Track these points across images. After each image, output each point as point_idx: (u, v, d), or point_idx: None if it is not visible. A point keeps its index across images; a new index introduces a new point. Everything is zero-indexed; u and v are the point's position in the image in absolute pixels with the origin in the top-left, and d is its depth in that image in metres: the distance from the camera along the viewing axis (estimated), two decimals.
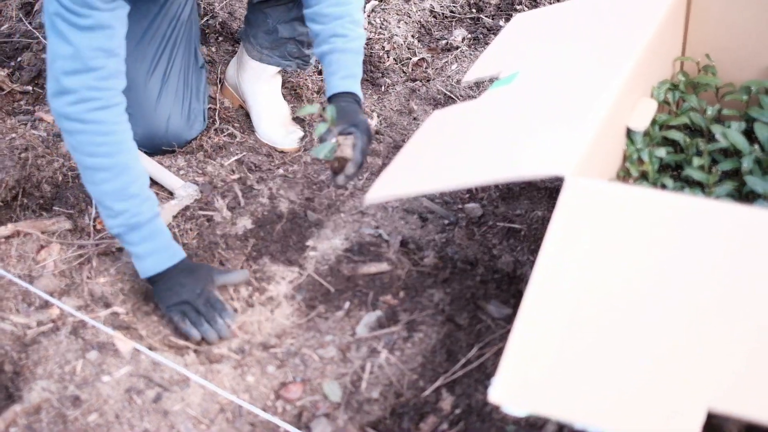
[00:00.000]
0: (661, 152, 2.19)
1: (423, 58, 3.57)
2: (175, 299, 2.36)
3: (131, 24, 2.71)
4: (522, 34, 2.57)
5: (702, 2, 2.43)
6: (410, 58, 3.56)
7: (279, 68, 3.09)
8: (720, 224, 1.56)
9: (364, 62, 3.44)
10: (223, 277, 2.43)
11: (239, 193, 2.83)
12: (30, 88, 3.27)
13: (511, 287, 2.47)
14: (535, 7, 3.83)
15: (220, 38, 3.59)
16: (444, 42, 3.67)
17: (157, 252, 2.39)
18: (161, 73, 2.87)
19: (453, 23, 3.81)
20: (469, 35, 3.71)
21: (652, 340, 1.43)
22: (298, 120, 3.19)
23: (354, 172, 2.36)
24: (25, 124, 3.03)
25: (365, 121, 2.45)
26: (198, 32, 3.03)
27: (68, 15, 2.21)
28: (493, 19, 3.80)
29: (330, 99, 2.56)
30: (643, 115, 2.15)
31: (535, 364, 1.43)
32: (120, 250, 2.59)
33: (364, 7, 3.24)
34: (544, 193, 2.79)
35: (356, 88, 2.57)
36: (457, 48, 3.62)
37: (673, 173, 2.26)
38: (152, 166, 2.87)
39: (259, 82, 3.12)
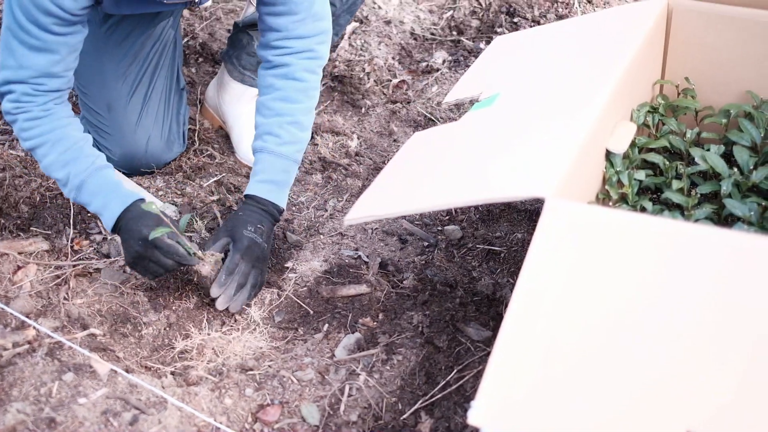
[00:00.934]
0: (641, 175, 2.19)
1: (403, 80, 3.57)
2: (131, 253, 2.37)
3: (114, 45, 2.72)
4: (502, 57, 2.57)
5: (681, 26, 2.44)
6: (390, 80, 3.56)
7: None
8: (699, 248, 1.56)
9: (345, 83, 3.45)
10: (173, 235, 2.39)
11: (218, 214, 2.82)
12: None
13: (490, 310, 2.46)
14: (515, 29, 3.84)
15: (200, 59, 3.58)
16: (425, 64, 3.67)
17: (109, 201, 2.41)
18: (142, 94, 2.86)
19: (434, 45, 3.82)
20: (450, 57, 3.72)
21: (633, 362, 1.42)
22: None
23: (220, 292, 2.40)
24: (3, 144, 3.01)
25: (253, 238, 2.45)
26: (181, 54, 3.02)
27: (19, 32, 2.25)
28: (473, 41, 3.81)
29: (246, 196, 2.56)
30: (622, 137, 2.15)
31: (514, 387, 1.43)
32: (98, 270, 2.57)
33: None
34: (524, 215, 2.79)
35: (273, 195, 2.55)
36: (437, 70, 3.63)
37: (653, 196, 2.27)
38: (131, 187, 2.85)
39: (239, 104, 3.11)
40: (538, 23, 3.86)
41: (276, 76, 2.56)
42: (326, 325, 2.45)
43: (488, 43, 3.70)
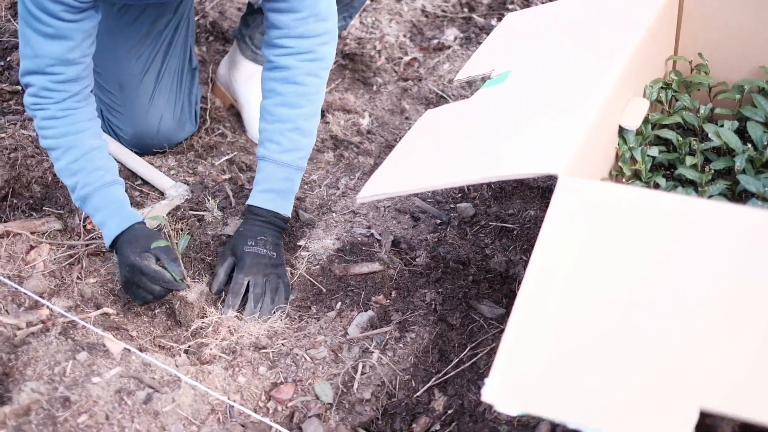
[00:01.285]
0: (654, 151, 2.18)
1: (415, 58, 3.56)
2: (121, 278, 2.39)
3: (127, 24, 2.71)
4: (514, 34, 2.56)
5: (694, 2, 2.42)
6: (402, 58, 3.55)
7: None
8: (713, 224, 1.56)
9: (356, 61, 3.44)
10: (164, 257, 2.40)
11: (230, 193, 2.82)
12: (20, 87, 3.25)
13: (503, 287, 2.46)
14: (527, 6, 3.82)
15: (211, 38, 3.58)
16: (436, 41, 3.66)
17: (108, 220, 2.41)
18: (155, 74, 2.86)
19: (445, 23, 3.80)
20: (461, 35, 3.70)
21: (646, 339, 1.42)
22: None
23: (235, 311, 2.42)
24: (15, 124, 3.01)
25: (255, 252, 2.47)
26: (194, 34, 3.01)
27: (32, 20, 2.25)
28: (485, 18, 3.80)
29: (247, 207, 2.56)
30: (635, 113, 2.14)
31: (528, 364, 1.43)
32: (109, 250, 2.58)
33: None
34: (537, 192, 2.78)
35: (275, 204, 2.54)
36: (449, 47, 3.61)
37: (666, 172, 2.25)
38: (142, 167, 2.86)
39: (251, 82, 3.10)
40: (550, 0, 3.84)
41: (277, 80, 2.53)
42: (339, 303, 2.46)
43: (500, 19, 3.68)
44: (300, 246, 2.64)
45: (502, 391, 1.40)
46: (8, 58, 3.45)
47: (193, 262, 2.57)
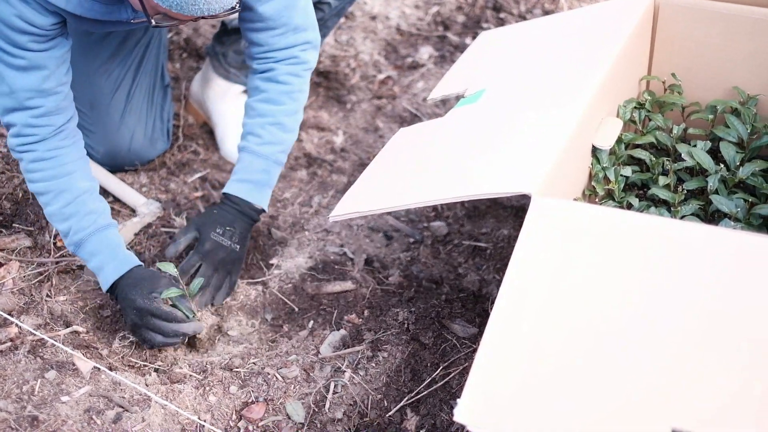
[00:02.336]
0: (627, 171, 2.18)
1: (389, 76, 3.56)
2: (128, 321, 2.33)
3: (96, 42, 2.69)
4: (488, 52, 2.56)
5: (668, 21, 2.43)
6: (376, 76, 3.55)
7: (245, 87, 3.07)
8: (686, 245, 1.56)
9: (330, 79, 3.44)
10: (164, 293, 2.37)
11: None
12: None
13: (476, 306, 2.46)
14: (501, 24, 3.83)
15: (185, 54, 3.57)
16: (410, 60, 3.66)
17: (105, 264, 2.37)
18: (125, 92, 2.84)
19: (419, 41, 3.81)
20: (436, 53, 3.71)
21: (618, 362, 1.42)
22: None
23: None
24: None
25: (219, 241, 2.48)
26: (166, 50, 3.00)
27: (3, 55, 2.21)
28: (459, 36, 3.80)
29: (223, 194, 2.56)
30: (608, 133, 2.15)
31: (500, 385, 1.42)
32: (81, 267, 2.56)
33: None
34: (510, 211, 2.78)
35: (251, 195, 2.54)
36: (423, 66, 3.62)
37: (639, 192, 2.26)
38: (114, 184, 2.84)
39: (224, 100, 3.09)
40: (524, 18, 3.85)
41: (261, 79, 2.56)
42: (311, 321, 2.44)
43: (474, 38, 3.69)
44: (272, 264, 2.63)
45: (474, 411, 1.39)
46: None
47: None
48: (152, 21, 2.09)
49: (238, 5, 2.11)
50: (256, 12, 2.40)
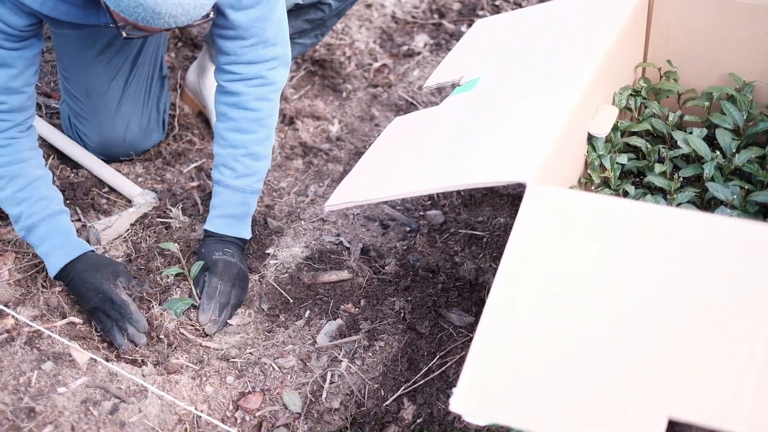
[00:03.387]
0: (623, 159, 2.18)
1: (385, 64, 3.55)
2: (87, 304, 2.36)
3: (96, 31, 2.67)
4: (483, 40, 2.56)
5: (663, 9, 2.43)
6: (372, 64, 3.54)
7: None
8: (682, 233, 1.55)
9: (326, 68, 3.43)
10: (134, 282, 2.43)
11: (198, 200, 2.80)
12: None
13: (473, 295, 2.45)
14: (497, 12, 3.82)
15: (180, 44, 3.56)
16: (406, 48, 3.66)
17: (55, 249, 2.40)
18: (122, 81, 2.83)
19: (415, 29, 3.80)
20: (431, 41, 3.70)
21: (614, 349, 1.41)
22: None
23: (208, 318, 2.40)
24: None
25: (226, 259, 2.47)
26: (165, 41, 2.99)
27: None
28: (455, 24, 3.80)
29: (205, 232, 2.57)
30: (604, 121, 2.14)
31: (496, 374, 1.42)
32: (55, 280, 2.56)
33: None
34: (507, 199, 2.78)
35: (232, 229, 2.55)
36: (418, 54, 3.61)
37: (635, 180, 2.26)
38: (110, 174, 2.83)
39: None
40: (520, 6, 3.85)
41: (228, 105, 2.52)
42: (308, 311, 2.44)
43: (470, 26, 3.68)
44: (268, 254, 2.63)
45: (470, 400, 1.39)
46: None
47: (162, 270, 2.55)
48: (123, 33, 2.08)
49: (212, 13, 2.10)
50: (228, 19, 2.36)
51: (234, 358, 2.29)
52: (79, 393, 2.12)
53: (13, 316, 2.31)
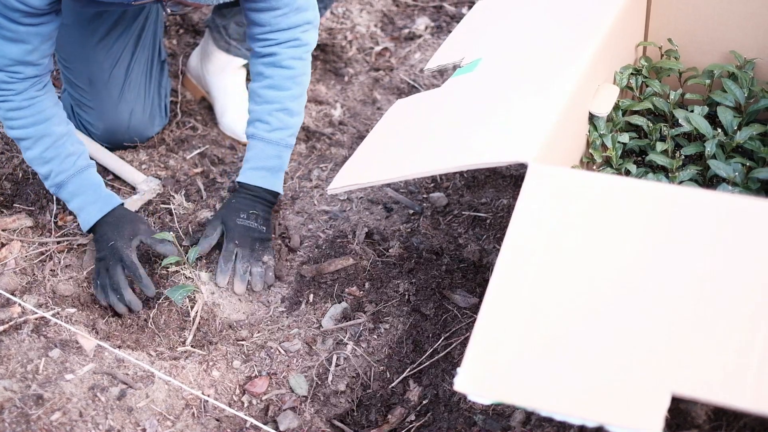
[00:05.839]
0: (625, 138, 2.18)
1: (386, 48, 3.55)
2: (96, 254, 2.42)
3: (95, 17, 2.68)
4: (484, 21, 2.55)
5: None
6: (373, 48, 3.54)
7: (245, 61, 3.06)
8: (684, 210, 1.56)
9: (327, 52, 3.43)
10: (151, 241, 2.45)
11: (201, 187, 2.81)
12: None
13: (477, 276, 2.46)
14: None
15: (181, 30, 3.56)
16: (407, 31, 3.65)
17: (87, 205, 2.46)
18: (124, 68, 2.83)
19: (416, 12, 3.79)
20: (432, 23, 3.70)
21: (616, 326, 1.42)
22: None
23: (226, 279, 2.46)
24: None
25: (246, 225, 2.52)
26: (162, 26, 2.99)
27: None
28: (455, 6, 3.79)
29: (238, 184, 2.61)
30: (605, 100, 2.14)
31: (500, 353, 1.42)
32: (82, 246, 2.56)
33: None
34: (510, 180, 2.78)
35: (265, 181, 2.59)
36: (420, 37, 3.61)
37: (637, 158, 2.26)
38: (114, 161, 2.83)
39: (224, 74, 3.08)
40: None
41: (264, 65, 2.58)
42: (312, 295, 2.45)
43: (470, 8, 3.67)
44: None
45: (475, 380, 1.39)
46: None
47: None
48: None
49: None
50: None
51: (240, 342, 2.30)
52: (86, 379, 2.12)
53: (19, 305, 2.32)
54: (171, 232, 2.35)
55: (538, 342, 1.43)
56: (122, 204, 2.50)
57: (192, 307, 2.37)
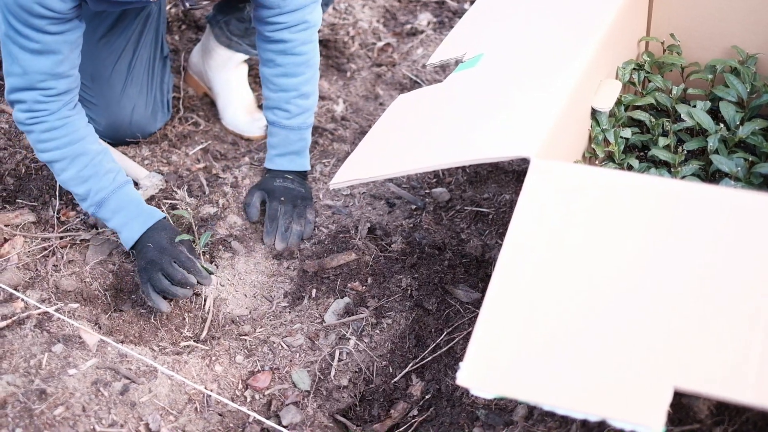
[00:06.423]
0: (627, 133, 2.18)
1: (388, 43, 3.55)
2: (143, 261, 2.39)
3: (96, 14, 2.68)
4: (486, 16, 2.55)
5: None
6: (375, 43, 3.54)
7: (247, 56, 3.06)
8: (686, 205, 1.56)
9: (330, 48, 3.43)
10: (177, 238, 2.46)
11: (204, 182, 2.81)
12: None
13: (479, 271, 2.46)
14: None
15: (183, 26, 3.56)
16: (409, 26, 3.65)
17: (130, 221, 2.44)
18: (126, 63, 2.83)
19: (418, 7, 3.79)
20: (435, 19, 3.70)
21: (619, 320, 1.42)
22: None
23: (272, 238, 2.59)
24: None
25: (286, 185, 2.65)
26: (165, 21, 2.99)
27: (18, 38, 2.22)
28: (458, 2, 3.79)
29: (267, 170, 2.72)
30: (607, 95, 2.14)
31: (502, 348, 1.42)
32: (85, 241, 2.56)
33: None
34: (512, 176, 2.78)
35: (294, 164, 2.71)
36: (422, 32, 3.61)
37: (640, 153, 2.26)
38: (116, 157, 2.83)
39: (226, 69, 3.08)
40: None
41: (275, 52, 2.60)
42: (315, 290, 2.45)
43: (473, 3, 3.67)
44: None
45: (477, 374, 1.40)
46: None
47: None
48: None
49: None
50: None
51: (243, 336, 2.30)
52: (89, 374, 2.13)
53: (22, 300, 2.32)
54: (188, 236, 2.38)
55: (541, 337, 1.43)
56: (165, 216, 2.51)
57: (204, 303, 2.38)
